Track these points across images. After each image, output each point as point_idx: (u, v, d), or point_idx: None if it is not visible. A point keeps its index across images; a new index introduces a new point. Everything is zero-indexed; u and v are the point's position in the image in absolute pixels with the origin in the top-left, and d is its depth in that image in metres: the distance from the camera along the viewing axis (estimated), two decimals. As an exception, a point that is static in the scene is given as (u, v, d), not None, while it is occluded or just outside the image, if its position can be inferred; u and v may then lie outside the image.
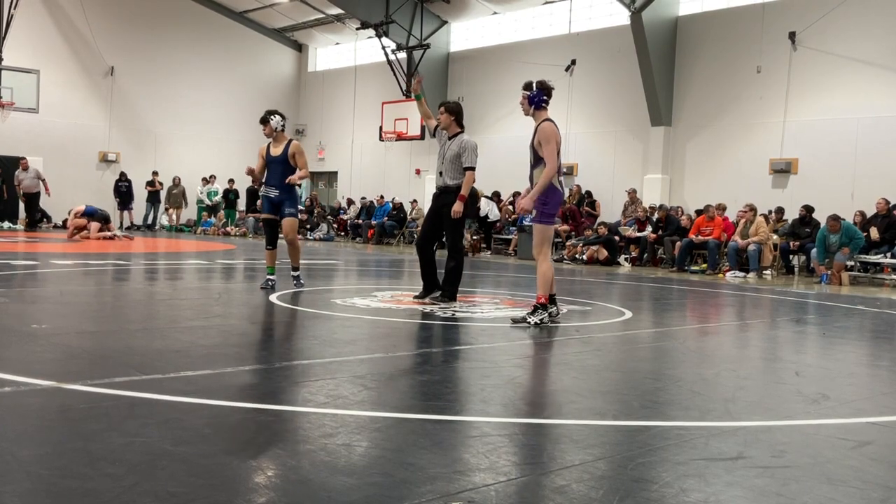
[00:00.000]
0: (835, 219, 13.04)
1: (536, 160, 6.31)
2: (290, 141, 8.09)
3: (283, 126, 8.10)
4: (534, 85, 6.37)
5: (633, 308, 8.06)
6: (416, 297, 7.69)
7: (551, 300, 6.41)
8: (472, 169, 7.32)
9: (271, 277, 8.24)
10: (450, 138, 7.43)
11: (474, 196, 20.43)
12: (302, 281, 8.43)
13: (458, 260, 7.45)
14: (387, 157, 24.97)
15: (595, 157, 19.63)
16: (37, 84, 20.76)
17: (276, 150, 8.02)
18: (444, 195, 7.41)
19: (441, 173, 7.41)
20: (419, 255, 7.65)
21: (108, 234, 17.48)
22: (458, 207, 7.27)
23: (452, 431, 3.16)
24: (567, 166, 20.22)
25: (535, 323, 6.15)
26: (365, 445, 2.95)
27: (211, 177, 24.91)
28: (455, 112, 7.44)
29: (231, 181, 24.84)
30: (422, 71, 22.23)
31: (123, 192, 23.63)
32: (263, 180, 8.19)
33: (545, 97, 6.35)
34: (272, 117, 8.00)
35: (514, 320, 6.28)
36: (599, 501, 2.42)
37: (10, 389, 3.47)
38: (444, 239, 7.71)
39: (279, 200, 8.06)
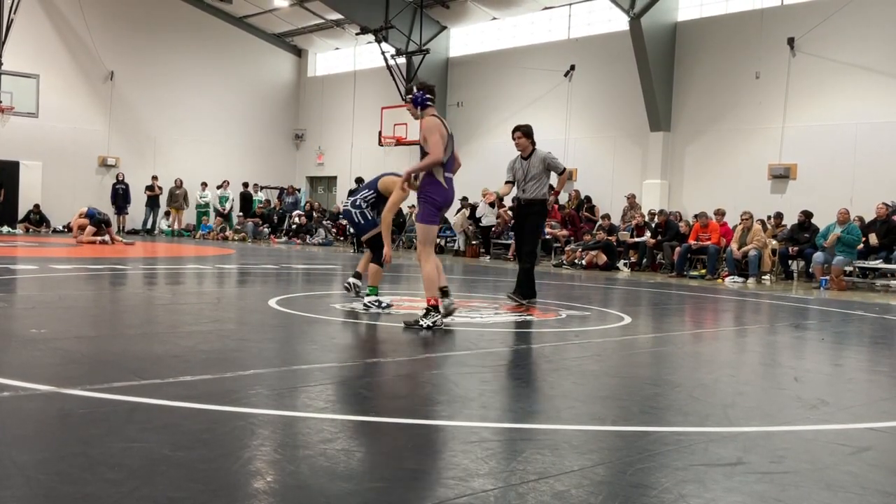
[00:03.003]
0: (846, 211, 13.37)
1: (423, 157, 6.22)
2: None
3: None
4: (414, 88, 6.45)
5: (632, 313, 8.06)
6: (515, 301, 8.24)
7: (443, 292, 6.33)
8: (565, 169, 8.41)
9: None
10: (526, 158, 8.21)
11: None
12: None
13: (532, 263, 8.40)
14: (386, 163, 24.95)
15: (594, 162, 19.65)
16: (36, 89, 20.76)
17: None
18: (528, 207, 8.23)
19: (523, 190, 8.22)
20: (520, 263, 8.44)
21: (107, 238, 17.44)
22: (552, 199, 8.29)
23: (452, 437, 3.16)
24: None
25: (428, 326, 5.96)
26: (364, 451, 2.95)
27: (224, 182, 24.99)
28: (530, 134, 8.21)
29: (245, 184, 25.04)
30: (421, 76, 22.25)
31: (120, 195, 23.63)
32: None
33: (428, 95, 6.38)
34: None
35: (407, 324, 6.09)
36: (598, 507, 2.42)
37: (9, 394, 3.47)
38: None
39: None
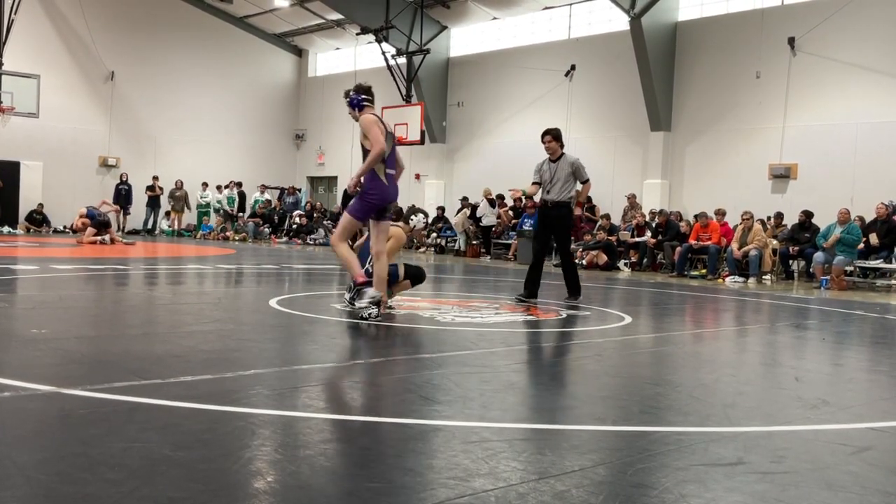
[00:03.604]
0: (846, 211, 13.44)
1: (365, 155, 6.28)
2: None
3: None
4: (351, 91, 6.46)
5: (633, 313, 8.06)
6: (518, 299, 8.44)
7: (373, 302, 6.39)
8: (588, 180, 8.56)
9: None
10: (554, 161, 8.37)
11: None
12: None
13: (571, 261, 8.74)
14: (386, 162, 24.96)
15: (594, 162, 19.51)
16: (37, 89, 20.73)
17: None
18: (556, 209, 8.39)
19: (549, 191, 8.40)
20: (534, 262, 8.54)
21: (107, 238, 17.42)
22: (578, 211, 8.62)
23: (452, 437, 3.15)
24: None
25: (368, 306, 6.13)
26: (364, 451, 2.95)
27: (231, 182, 25.07)
28: (560, 137, 8.41)
29: (240, 183, 25.08)
30: (421, 76, 22.26)
31: (123, 196, 23.64)
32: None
33: (364, 97, 6.41)
34: None
35: (356, 316, 6.23)
36: (599, 507, 2.42)
37: (10, 394, 3.47)
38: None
39: None
